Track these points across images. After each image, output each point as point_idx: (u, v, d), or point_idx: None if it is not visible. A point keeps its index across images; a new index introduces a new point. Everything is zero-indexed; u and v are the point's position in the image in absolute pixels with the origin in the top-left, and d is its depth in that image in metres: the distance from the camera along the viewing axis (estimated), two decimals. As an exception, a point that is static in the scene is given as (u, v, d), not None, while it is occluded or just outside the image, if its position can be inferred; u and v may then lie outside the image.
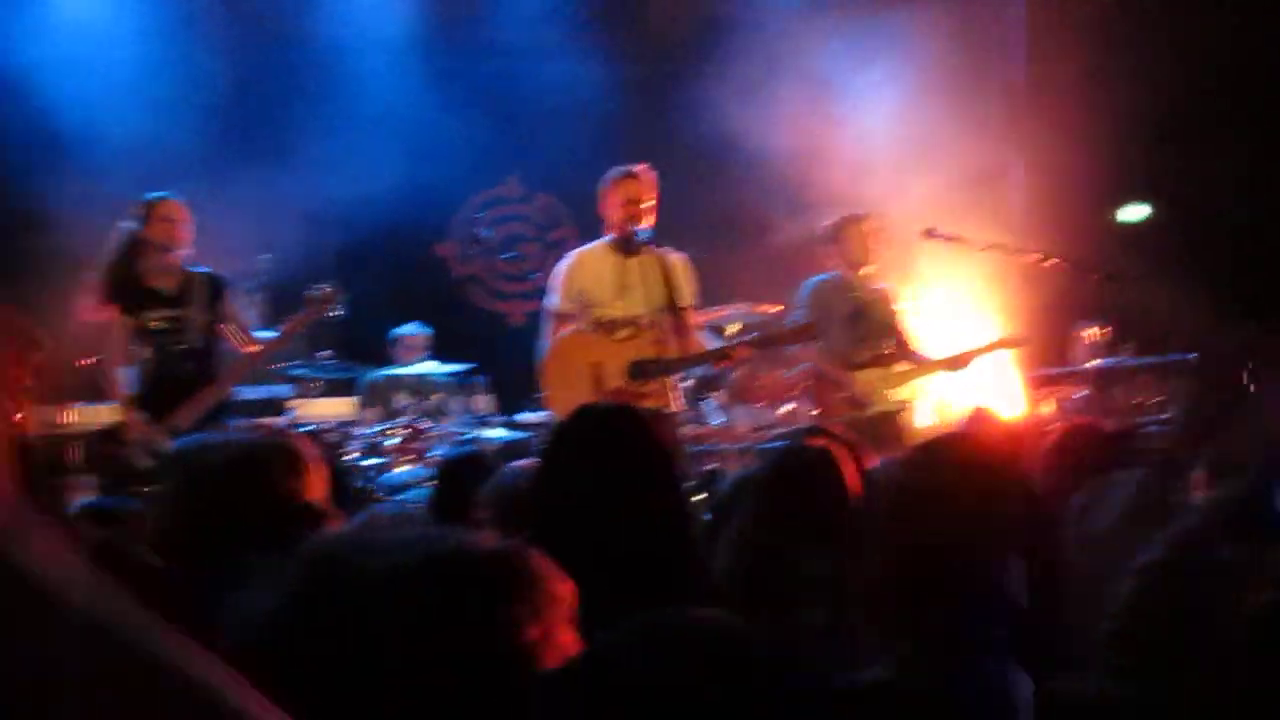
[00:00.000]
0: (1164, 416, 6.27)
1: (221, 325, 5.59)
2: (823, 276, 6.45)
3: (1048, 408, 7.24)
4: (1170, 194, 8.62)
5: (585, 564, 1.97)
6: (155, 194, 5.56)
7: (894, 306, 6.53)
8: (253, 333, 5.72)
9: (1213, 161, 7.82)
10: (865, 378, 6.27)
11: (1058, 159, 8.03)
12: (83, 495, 5.32)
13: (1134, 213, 9.11)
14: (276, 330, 5.84)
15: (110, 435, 5.37)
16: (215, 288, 5.60)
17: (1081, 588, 1.93)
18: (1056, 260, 6.36)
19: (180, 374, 5.42)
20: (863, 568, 1.85)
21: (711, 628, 1.21)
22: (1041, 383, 7.53)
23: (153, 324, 5.44)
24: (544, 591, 1.20)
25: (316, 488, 2.54)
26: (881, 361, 6.37)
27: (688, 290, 5.67)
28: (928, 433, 5.73)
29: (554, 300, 5.71)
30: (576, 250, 5.85)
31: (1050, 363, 7.67)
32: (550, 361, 5.57)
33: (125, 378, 5.48)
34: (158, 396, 5.39)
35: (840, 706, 1.64)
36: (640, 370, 5.38)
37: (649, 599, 1.87)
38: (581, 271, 5.66)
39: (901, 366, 6.41)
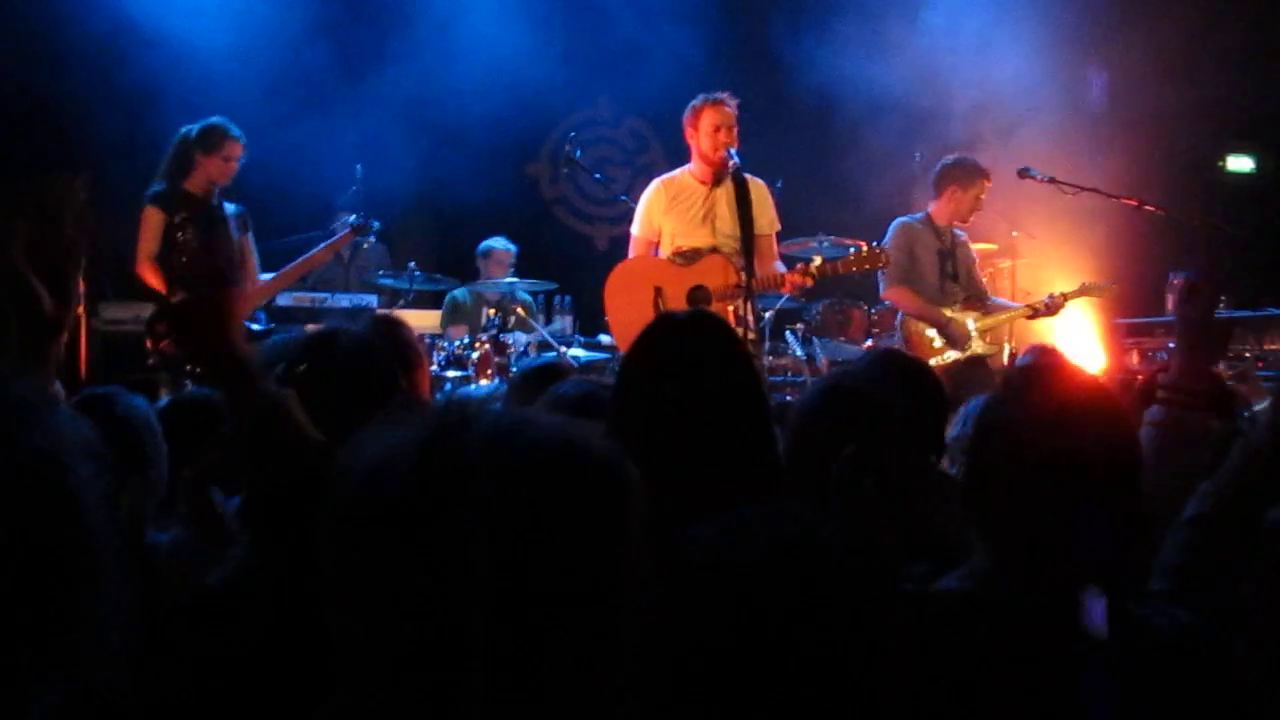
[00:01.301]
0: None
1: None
2: (911, 217, 6.41)
3: (1133, 358, 7.12)
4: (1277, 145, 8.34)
5: (667, 467, 2.02)
6: (229, 129, 5.66)
7: (972, 254, 6.55)
8: (261, 276, 5.90)
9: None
10: (958, 320, 6.25)
11: (1163, 103, 7.80)
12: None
13: (1242, 163, 8.84)
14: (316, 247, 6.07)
15: (156, 319, 5.51)
16: (243, 216, 5.80)
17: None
18: (1153, 206, 6.20)
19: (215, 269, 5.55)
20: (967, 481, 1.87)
21: (800, 520, 1.23)
22: (1130, 332, 7.38)
23: (191, 222, 5.60)
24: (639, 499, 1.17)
25: (424, 384, 2.61)
26: (972, 305, 6.33)
27: (767, 218, 5.63)
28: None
29: (636, 227, 5.73)
30: (660, 178, 5.82)
31: (1143, 312, 7.51)
32: (612, 283, 5.59)
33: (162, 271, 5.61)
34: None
35: (917, 611, 1.67)
36: (701, 296, 5.38)
37: (734, 498, 1.91)
38: (665, 200, 5.64)
39: (989, 311, 6.37)
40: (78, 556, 1.05)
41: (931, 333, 6.27)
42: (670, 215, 5.61)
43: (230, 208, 5.79)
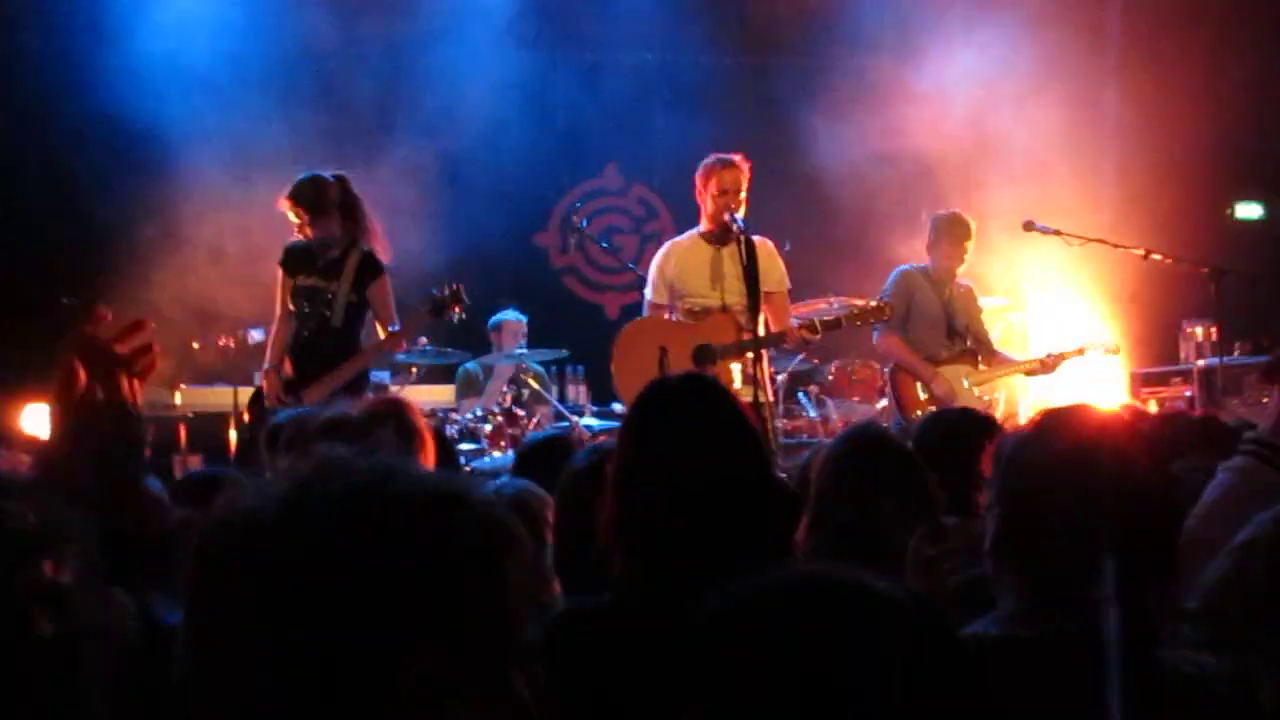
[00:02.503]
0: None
1: (366, 307, 5.50)
2: (912, 266, 6.41)
3: (1152, 406, 7.05)
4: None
5: (668, 527, 2.00)
6: (284, 191, 5.54)
7: (976, 305, 6.52)
8: (392, 325, 5.57)
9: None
10: (950, 373, 6.21)
11: (1171, 152, 7.82)
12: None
13: (1251, 210, 8.83)
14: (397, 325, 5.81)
15: (256, 401, 5.53)
16: (367, 268, 5.50)
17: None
18: (1161, 255, 6.19)
19: (319, 347, 5.44)
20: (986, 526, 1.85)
21: (850, 584, 1.17)
22: (1146, 381, 7.33)
23: (304, 290, 5.47)
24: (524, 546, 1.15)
25: (429, 457, 2.60)
26: (967, 358, 6.30)
27: (775, 275, 5.65)
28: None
29: (650, 291, 5.77)
30: (670, 241, 5.90)
31: (1157, 361, 7.47)
32: (619, 346, 5.62)
33: (280, 342, 5.55)
34: (296, 367, 5.47)
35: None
36: (705, 355, 5.38)
37: (732, 561, 1.88)
38: (674, 262, 5.69)
39: (985, 365, 6.33)
40: None
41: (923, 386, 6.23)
42: (680, 277, 5.65)
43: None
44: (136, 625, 1.95)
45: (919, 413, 5.87)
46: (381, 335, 5.56)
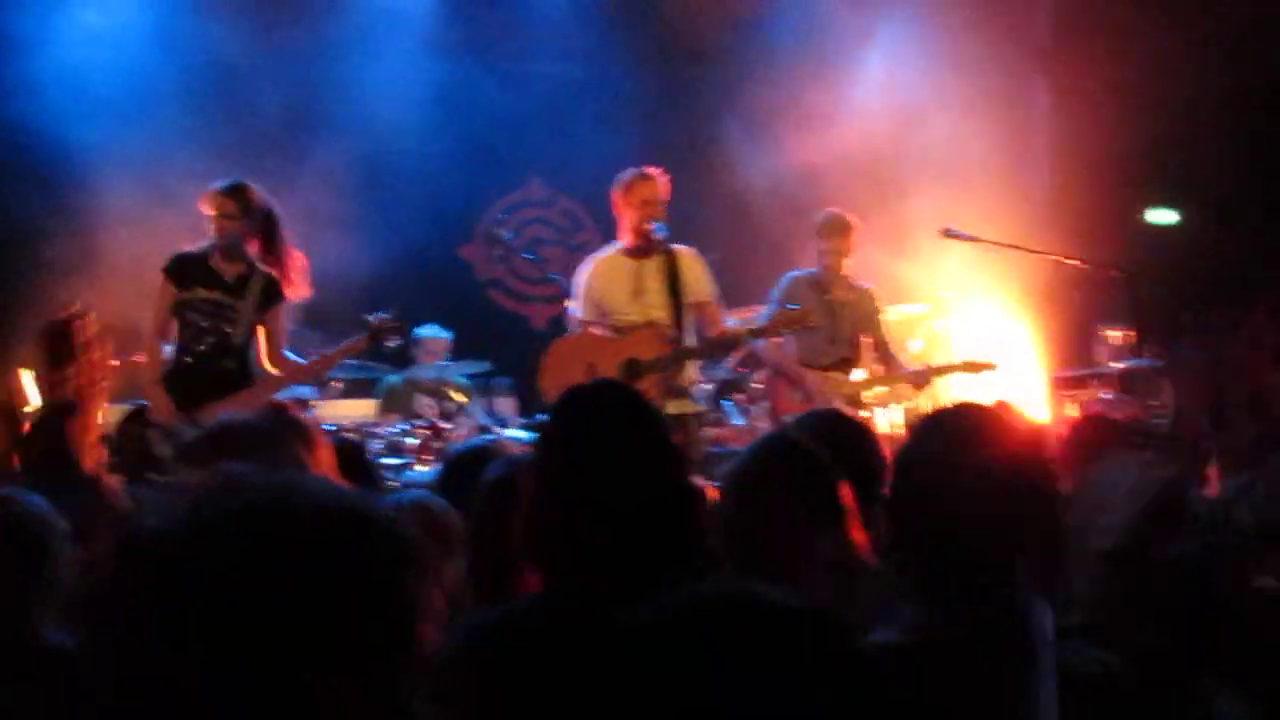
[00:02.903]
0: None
1: (261, 328, 5.36)
2: (801, 272, 6.40)
3: (1071, 410, 7.18)
4: (1199, 197, 8.54)
5: (586, 539, 1.99)
6: (216, 184, 5.37)
7: (872, 308, 6.45)
8: (284, 352, 5.45)
9: (1244, 164, 7.75)
10: (827, 380, 6.20)
11: (1085, 158, 7.98)
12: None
13: (1163, 215, 9.02)
14: (328, 349, 5.70)
15: (135, 417, 5.21)
16: (270, 292, 5.37)
17: (1079, 563, 1.92)
18: (1077, 261, 6.32)
19: (217, 367, 5.27)
20: (879, 535, 1.86)
21: (752, 599, 1.18)
22: (1064, 384, 7.46)
23: (202, 303, 5.27)
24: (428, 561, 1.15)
25: (326, 462, 2.56)
26: (846, 366, 6.31)
27: (700, 285, 5.66)
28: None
29: (575, 307, 5.76)
30: (592, 257, 5.89)
31: (1074, 365, 7.60)
32: (547, 363, 5.61)
33: (159, 354, 5.31)
34: (189, 383, 5.23)
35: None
36: (632, 369, 5.39)
37: (651, 574, 1.87)
38: (596, 279, 5.69)
39: (863, 373, 6.34)
40: None
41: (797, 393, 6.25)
42: (603, 293, 5.65)
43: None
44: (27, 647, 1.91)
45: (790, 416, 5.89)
46: (268, 365, 5.38)
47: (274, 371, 5.40)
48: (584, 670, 1.53)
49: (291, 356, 5.51)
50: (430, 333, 7.67)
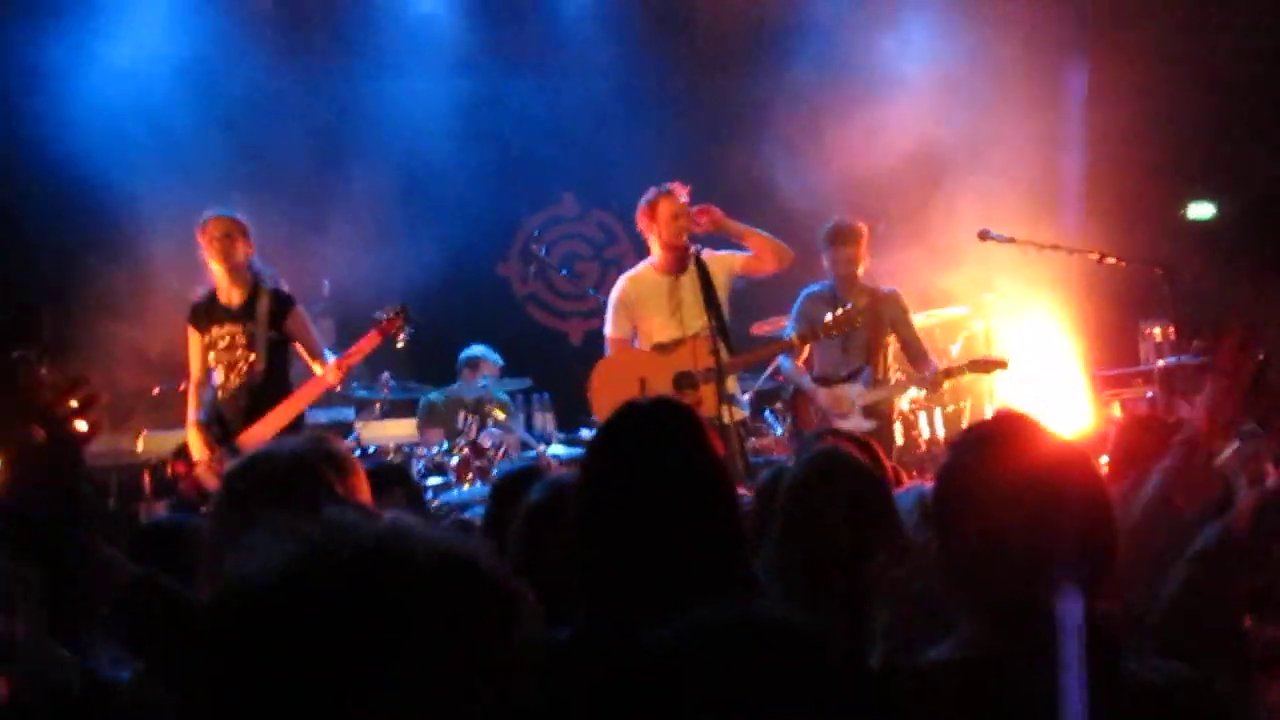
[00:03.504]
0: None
1: (290, 343, 5.47)
2: (814, 287, 6.30)
3: (1114, 409, 7.11)
4: (1237, 191, 8.45)
5: (633, 559, 1.96)
6: (207, 213, 5.50)
7: (896, 310, 6.24)
8: (324, 353, 5.52)
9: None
10: (841, 392, 6.10)
11: (1124, 155, 7.91)
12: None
13: (1202, 210, 8.94)
14: (340, 353, 5.78)
15: (178, 456, 5.40)
16: (279, 304, 5.47)
17: (1127, 572, 1.90)
18: (1114, 258, 6.25)
19: (249, 392, 5.38)
20: (931, 554, 1.84)
21: (781, 623, 1.17)
22: (1107, 384, 7.39)
23: (221, 340, 5.42)
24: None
25: (362, 491, 2.57)
26: (856, 377, 6.20)
27: (734, 262, 5.63)
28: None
29: (610, 328, 5.76)
30: (625, 275, 5.86)
31: (1117, 363, 7.53)
32: (597, 380, 5.61)
33: (201, 398, 5.46)
34: (229, 415, 5.37)
35: (905, 684, 1.64)
36: (685, 381, 5.39)
37: (697, 595, 1.85)
38: (630, 297, 5.69)
39: (864, 382, 6.19)
40: None
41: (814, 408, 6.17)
42: (639, 312, 5.65)
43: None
44: (80, 682, 1.93)
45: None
46: (316, 369, 5.45)
47: (319, 372, 5.44)
48: (612, 697, 1.53)
49: (331, 356, 5.53)
50: (488, 355, 7.57)
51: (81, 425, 1.78)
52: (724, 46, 8.94)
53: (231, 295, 5.47)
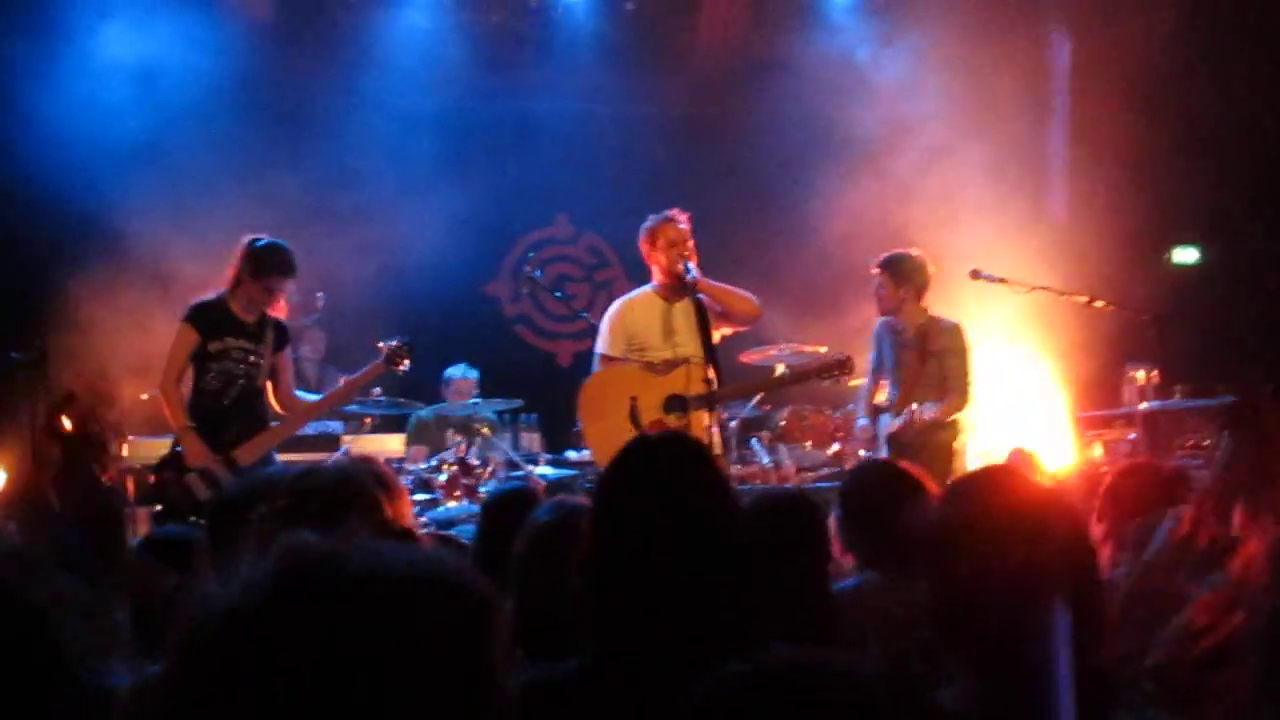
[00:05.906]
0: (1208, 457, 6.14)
1: (276, 371, 5.59)
2: (884, 319, 6.36)
3: (1096, 450, 7.17)
4: (1221, 236, 8.56)
5: (649, 598, 1.93)
6: (277, 251, 5.51)
7: (943, 344, 6.16)
8: (294, 392, 5.71)
9: (1268, 202, 7.77)
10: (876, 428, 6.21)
11: (1109, 200, 8.00)
12: (143, 526, 5.42)
13: (1187, 255, 9.04)
14: (341, 376, 5.92)
15: (171, 463, 5.38)
16: (280, 336, 5.62)
17: (1131, 623, 1.93)
18: (1104, 302, 6.33)
19: (249, 410, 5.46)
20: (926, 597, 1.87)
21: (842, 672, 1.16)
22: (1090, 425, 7.46)
23: (232, 351, 5.45)
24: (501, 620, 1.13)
25: (407, 513, 2.60)
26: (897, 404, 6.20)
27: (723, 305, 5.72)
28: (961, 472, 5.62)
29: (602, 346, 5.79)
30: (624, 297, 5.93)
31: (1099, 405, 7.60)
32: (586, 397, 5.63)
33: (183, 401, 5.44)
34: (224, 428, 5.38)
35: None
36: (676, 404, 5.43)
37: (718, 634, 1.85)
38: (629, 318, 5.74)
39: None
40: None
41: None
42: (634, 333, 5.69)
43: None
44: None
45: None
46: (278, 406, 5.59)
47: (296, 407, 5.67)
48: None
49: (301, 395, 5.79)
50: (459, 373, 7.74)
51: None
52: (720, 73, 9.01)
53: (247, 313, 5.55)
